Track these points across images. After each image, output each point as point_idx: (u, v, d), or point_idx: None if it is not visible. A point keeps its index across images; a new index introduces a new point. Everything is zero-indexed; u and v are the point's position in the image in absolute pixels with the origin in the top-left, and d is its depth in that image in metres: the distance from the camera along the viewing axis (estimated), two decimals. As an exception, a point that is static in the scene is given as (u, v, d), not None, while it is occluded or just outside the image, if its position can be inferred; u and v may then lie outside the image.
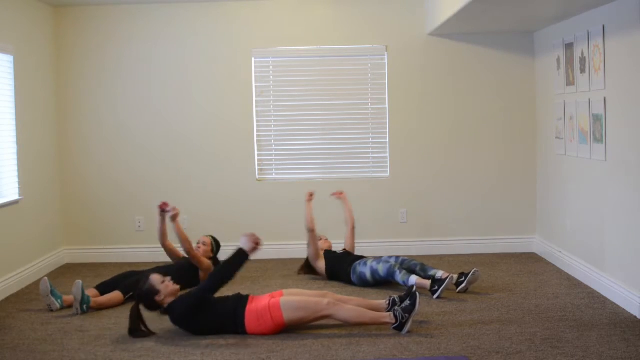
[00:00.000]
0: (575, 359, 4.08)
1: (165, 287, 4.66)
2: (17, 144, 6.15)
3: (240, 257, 4.61)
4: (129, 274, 5.71)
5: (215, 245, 6.24)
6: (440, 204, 7.15)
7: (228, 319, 4.60)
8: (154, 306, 4.67)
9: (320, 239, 6.25)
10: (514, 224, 7.17)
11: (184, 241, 5.77)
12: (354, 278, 5.87)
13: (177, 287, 4.75)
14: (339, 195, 6.44)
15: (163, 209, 5.80)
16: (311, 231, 6.04)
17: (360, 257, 6.01)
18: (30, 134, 6.42)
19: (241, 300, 4.70)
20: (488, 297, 5.44)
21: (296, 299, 4.65)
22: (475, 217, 7.16)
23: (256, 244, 4.62)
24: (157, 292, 4.63)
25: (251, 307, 4.61)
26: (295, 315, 4.57)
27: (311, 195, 6.20)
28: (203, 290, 4.64)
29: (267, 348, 4.37)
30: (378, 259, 5.82)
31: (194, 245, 5.99)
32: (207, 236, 6.24)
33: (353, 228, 6.36)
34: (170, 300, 4.67)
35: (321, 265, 6.09)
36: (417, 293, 4.63)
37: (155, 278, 4.67)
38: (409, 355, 4.21)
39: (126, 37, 7.05)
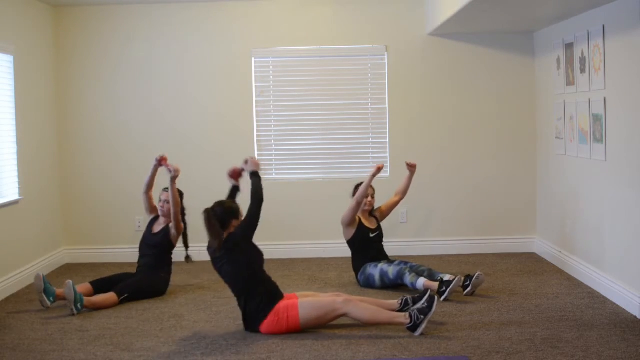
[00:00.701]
0: (575, 359, 4.08)
1: (239, 220, 4.79)
2: (17, 144, 6.15)
3: (257, 179, 4.86)
4: (125, 276, 5.71)
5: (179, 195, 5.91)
6: (440, 204, 7.16)
7: (260, 296, 4.62)
8: (224, 222, 4.74)
9: (367, 196, 5.96)
10: (514, 224, 7.17)
11: (177, 205, 5.67)
12: (360, 278, 5.86)
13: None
14: (412, 167, 6.17)
15: (161, 164, 5.68)
16: (359, 204, 5.84)
17: (379, 258, 5.93)
18: (30, 134, 6.42)
19: (277, 295, 4.70)
20: (488, 297, 5.44)
21: (311, 299, 4.67)
22: (475, 217, 7.16)
23: (257, 163, 4.96)
24: (238, 217, 4.79)
25: (275, 308, 4.62)
26: (311, 314, 4.57)
27: (379, 169, 5.84)
28: (250, 215, 4.74)
29: (267, 348, 4.37)
30: (389, 262, 5.82)
31: (157, 205, 5.88)
32: (165, 190, 5.89)
33: (399, 202, 6.26)
34: (232, 229, 4.75)
35: (350, 232, 5.96)
36: (435, 296, 4.62)
37: (241, 210, 4.82)
38: (409, 355, 4.21)
39: (126, 37, 7.05)
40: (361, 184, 5.93)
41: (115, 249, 7.11)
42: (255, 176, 4.89)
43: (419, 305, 4.60)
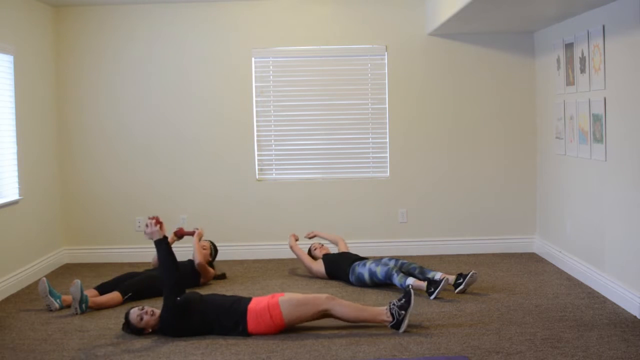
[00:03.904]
0: (575, 359, 4.08)
1: (146, 322, 4.65)
2: (17, 144, 6.15)
3: (157, 248, 4.76)
4: (129, 275, 5.72)
5: (214, 250, 6.31)
6: (440, 204, 7.15)
7: (228, 315, 4.62)
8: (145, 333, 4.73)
9: (316, 249, 6.38)
10: (514, 224, 7.17)
11: (203, 256, 6.00)
12: (352, 278, 5.87)
13: (157, 315, 4.70)
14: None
15: (182, 235, 6.04)
16: (291, 250, 6.33)
17: (360, 258, 6.01)
18: (30, 134, 6.42)
19: (242, 299, 4.73)
20: (488, 297, 5.44)
21: (294, 296, 4.69)
22: (475, 217, 7.15)
23: (154, 225, 4.77)
24: (141, 329, 4.67)
25: (252, 306, 4.63)
26: (294, 312, 4.58)
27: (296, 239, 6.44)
28: (166, 298, 4.66)
29: (267, 348, 4.38)
30: (377, 260, 5.83)
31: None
32: (206, 240, 6.28)
33: (339, 241, 6.48)
34: (155, 326, 4.68)
35: (320, 269, 6.11)
36: (412, 290, 4.65)
37: (133, 320, 4.66)
38: (409, 355, 4.21)
39: (126, 37, 7.05)
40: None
41: (115, 249, 7.11)
42: (155, 245, 4.80)
43: (398, 302, 4.63)
